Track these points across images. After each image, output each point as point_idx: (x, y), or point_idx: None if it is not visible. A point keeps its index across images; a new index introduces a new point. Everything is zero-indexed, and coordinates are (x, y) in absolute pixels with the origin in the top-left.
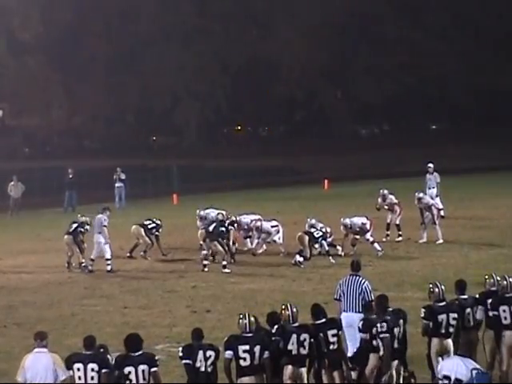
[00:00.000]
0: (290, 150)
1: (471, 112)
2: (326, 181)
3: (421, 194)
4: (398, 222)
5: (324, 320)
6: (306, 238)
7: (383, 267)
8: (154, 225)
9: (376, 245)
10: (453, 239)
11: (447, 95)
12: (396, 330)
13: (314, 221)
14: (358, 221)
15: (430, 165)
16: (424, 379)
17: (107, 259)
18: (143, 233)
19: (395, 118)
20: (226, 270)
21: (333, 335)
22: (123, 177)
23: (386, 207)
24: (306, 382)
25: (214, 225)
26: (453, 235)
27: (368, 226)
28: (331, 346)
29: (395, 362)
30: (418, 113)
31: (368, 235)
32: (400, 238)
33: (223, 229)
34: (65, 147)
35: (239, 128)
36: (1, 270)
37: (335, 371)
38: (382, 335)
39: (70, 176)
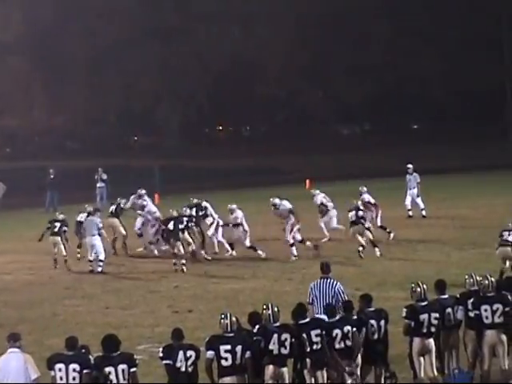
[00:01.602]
0: (272, 150)
1: (452, 111)
2: (307, 180)
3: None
4: (379, 224)
5: (307, 320)
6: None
7: (365, 267)
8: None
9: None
10: (435, 239)
11: (427, 95)
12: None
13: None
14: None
15: (410, 165)
16: (405, 379)
17: (100, 260)
18: (117, 223)
19: (376, 118)
20: (184, 268)
21: (316, 335)
22: (105, 177)
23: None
24: (287, 381)
25: (172, 222)
26: (435, 235)
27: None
28: (314, 346)
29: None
30: (399, 112)
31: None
32: (392, 235)
33: (181, 226)
34: (46, 147)
35: (221, 128)
36: None
37: (318, 371)
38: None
39: (52, 176)
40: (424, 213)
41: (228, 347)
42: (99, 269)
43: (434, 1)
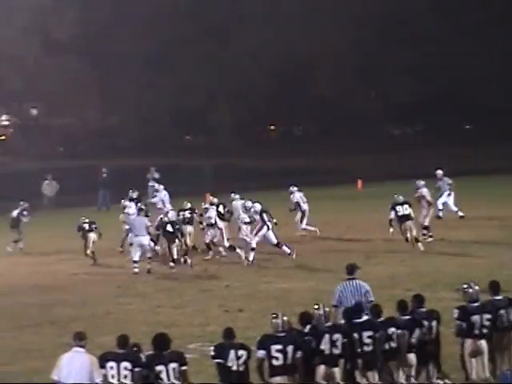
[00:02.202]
0: (324, 150)
1: (505, 111)
2: (359, 181)
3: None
4: (426, 223)
5: (361, 320)
6: None
7: (416, 267)
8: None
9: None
10: (487, 240)
11: (480, 95)
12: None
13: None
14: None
15: (439, 171)
16: (457, 380)
17: (149, 258)
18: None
19: (428, 118)
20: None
21: (368, 337)
22: (157, 176)
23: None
24: (338, 381)
25: (170, 225)
26: (487, 236)
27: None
28: (365, 348)
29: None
30: (451, 112)
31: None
32: (430, 240)
33: (171, 229)
34: (99, 146)
35: (273, 128)
36: (34, 269)
37: (370, 372)
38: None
39: (104, 175)
40: (461, 213)
41: (279, 347)
42: (148, 266)
43: (487, 1)
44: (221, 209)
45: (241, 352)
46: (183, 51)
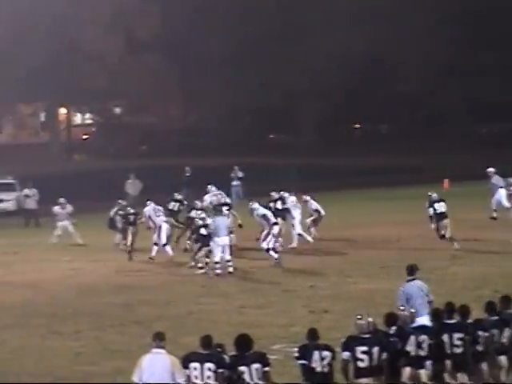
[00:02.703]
0: (411, 149)
1: None
2: (446, 180)
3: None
4: None
5: (452, 322)
6: None
7: (505, 268)
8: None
9: None
10: None
11: None
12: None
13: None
14: None
15: (491, 169)
16: None
17: (228, 260)
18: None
19: None
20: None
21: (459, 339)
22: (241, 175)
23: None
24: (425, 383)
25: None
26: None
27: None
28: (455, 350)
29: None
30: None
31: None
32: None
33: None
34: (182, 145)
35: (358, 126)
36: (119, 270)
37: (459, 373)
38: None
39: (187, 174)
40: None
41: (364, 348)
42: (230, 269)
43: None
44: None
45: (325, 353)
46: (265, 48)
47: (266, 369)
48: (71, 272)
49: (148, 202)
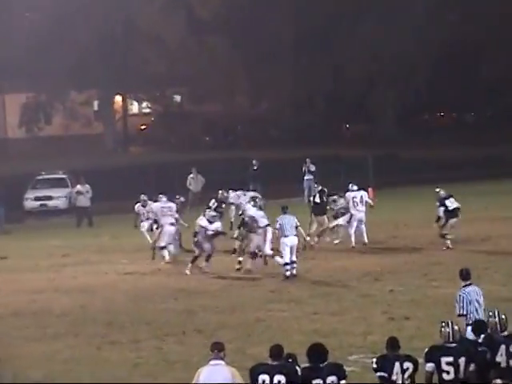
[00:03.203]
0: (500, 138)
1: None
2: None
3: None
4: None
5: None
6: None
7: None
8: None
9: None
10: None
11: None
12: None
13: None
14: None
15: None
16: None
17: (293, 262)
18: None
19: None
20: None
21: None
22: (313, 168)
23: None
24: None
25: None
26: None
27: None
28: None
29: None
30: None
31: None
32: None
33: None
34: (248, 136)
35: (442, 114)
36: (180, 272)
37: None
38: None
39: (255, 168)
40: None
41: (450, 359)
42: (294, 271)
43: None
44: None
45: (407, 364)
46: (336, 31)
47: (343, 382)
48: (127, 276)
49: (160, 196)
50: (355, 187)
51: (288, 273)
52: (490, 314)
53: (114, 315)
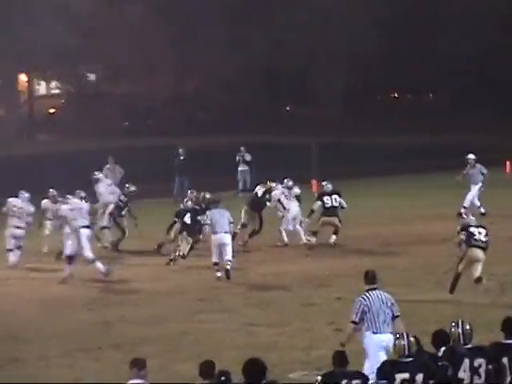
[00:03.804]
0: (463, 123)
1: None
2: (508, 163)
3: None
4: None
5: None
6: None
7: None
8: None
9: None
10: None
11: None
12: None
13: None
14: None
15: (471, 156)
16: None
17: (229, 260)
18: None
19: None
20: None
21: None
22: (248, 158)
23: None
24: None
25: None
26: None
27: None
28: None
29: None
30: None
31: None
32: None
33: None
34: (173, 120)
35: (396, 95)
36: (92, 278)
37: None
38: None
39: (182, 157)
40: (482, 210)
41: (406, 376)
42: (228, 267)
43: None
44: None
45: (356, 382)
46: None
47: None
48: (32, 283)
49: (21, 192)
50: (291, 182)
51: (219, 273)
52: (453, 323)
53: (17, 328)
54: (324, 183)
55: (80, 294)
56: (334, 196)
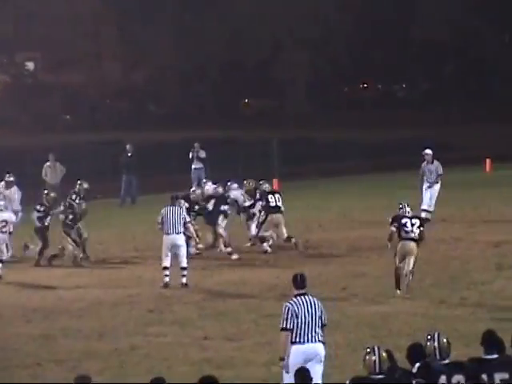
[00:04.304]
0: (437, 117)
1: None
2: (487, 160)
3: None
4: None
5: (496, 356)
6: None
7: None
8: None
9: None
10: None
11: None
12: None
13: None
14: None
15: (428, 151)
16: None
17: (183, 268)
18: None
19: None
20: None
21: (502, 380)
22: (203, 155)
23: None
24: None
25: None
26: None
27: None
28: None
29: None
30: None
31: None
32: None
33: None
34: (121, 114)
35: (365, 86)
36: (33, 284)
37: None
38: None
39: (129, 154)
40: (426, 215)
41: None
42: (183, 280)
43: None
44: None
45: None
46: None
47: None
48: None
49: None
50: (235, 185)
51: (167, 279)
52: (429, 337)
53: None
54: (261, 182)
55: (17, 303)
56: (276, 195)
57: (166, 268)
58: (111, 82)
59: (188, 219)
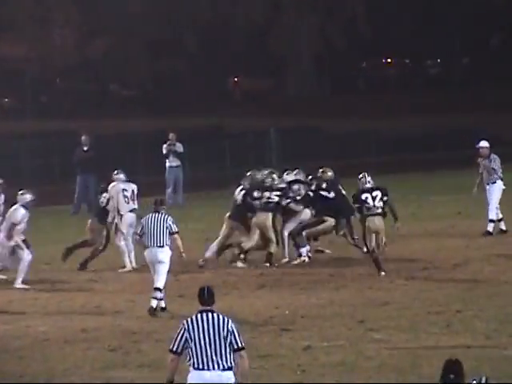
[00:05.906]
0: (481, 101)
1: None
2: None
3: None
4: None
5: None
6: None
7: None
8: None
9: None
10: None
11: None
12: None
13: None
14: None
15: (484, 143)
16: None
17: (157, 289)
18: None
19: None
20: None
21: None
22: (180, 149)
23: None
24: None
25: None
26: None
27: None
28: None
29: None
30: None
31: None
32: None
33: None
34: (74, 95)
35: (389, 61)
36: None
37: None
38: None
39: (85, 148)
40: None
41: None
42: (153, 303)
43: None
44: None
45: None
46: None
47: None
48: None
49: None
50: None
51: (154, 302)
52: (474, 382)
53: None
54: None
55: None
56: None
57: (157, 289)
58: (63, 55)
59: (175, 229)
